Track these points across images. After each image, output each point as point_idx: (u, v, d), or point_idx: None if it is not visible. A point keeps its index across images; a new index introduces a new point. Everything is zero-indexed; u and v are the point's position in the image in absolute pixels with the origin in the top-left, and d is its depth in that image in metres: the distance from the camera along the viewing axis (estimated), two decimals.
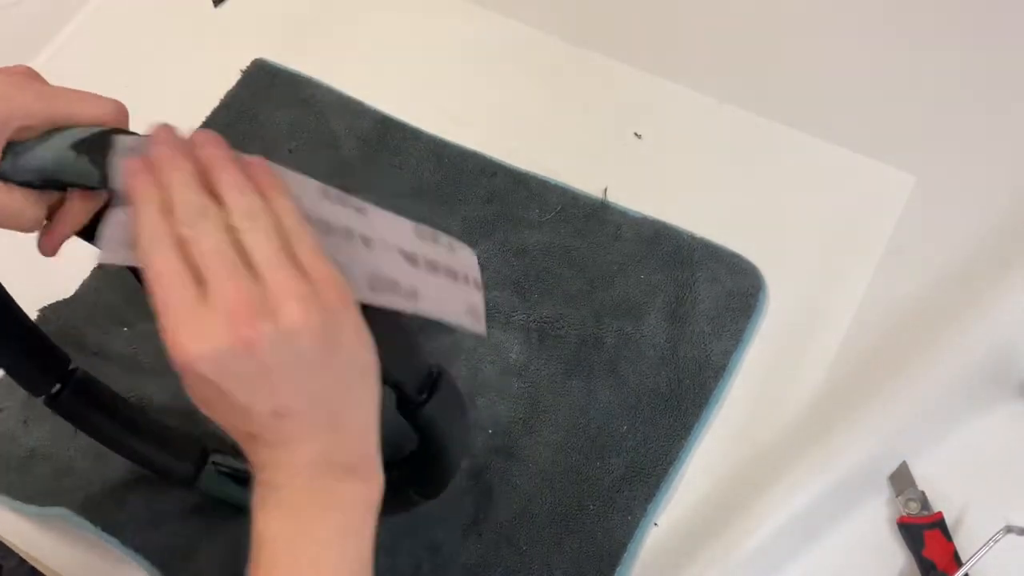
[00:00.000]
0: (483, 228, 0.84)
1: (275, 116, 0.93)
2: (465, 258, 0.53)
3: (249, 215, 0.41)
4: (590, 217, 0.84)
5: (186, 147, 0.44)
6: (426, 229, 0.51)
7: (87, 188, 0.46)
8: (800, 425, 0.75)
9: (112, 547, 0.72)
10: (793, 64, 0.91)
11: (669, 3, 0.95)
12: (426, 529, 0.73)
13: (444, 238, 0.53)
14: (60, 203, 0.48)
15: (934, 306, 0.77)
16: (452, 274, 0.51)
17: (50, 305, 0.84)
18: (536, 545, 0.72)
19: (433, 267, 0.50)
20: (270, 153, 0.88)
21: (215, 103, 0.94)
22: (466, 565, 0.71)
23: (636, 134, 0.88)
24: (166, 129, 0.44)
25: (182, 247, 0.40)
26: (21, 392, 0.76)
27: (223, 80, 0.96)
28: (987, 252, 0.79)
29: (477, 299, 0.52)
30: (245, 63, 0.97)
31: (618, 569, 0.71)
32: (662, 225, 0.83)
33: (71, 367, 0.63)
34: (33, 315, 0.83)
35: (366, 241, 0.47)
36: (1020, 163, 0.83)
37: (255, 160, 0.44)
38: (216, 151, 0.43)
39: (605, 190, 0.85)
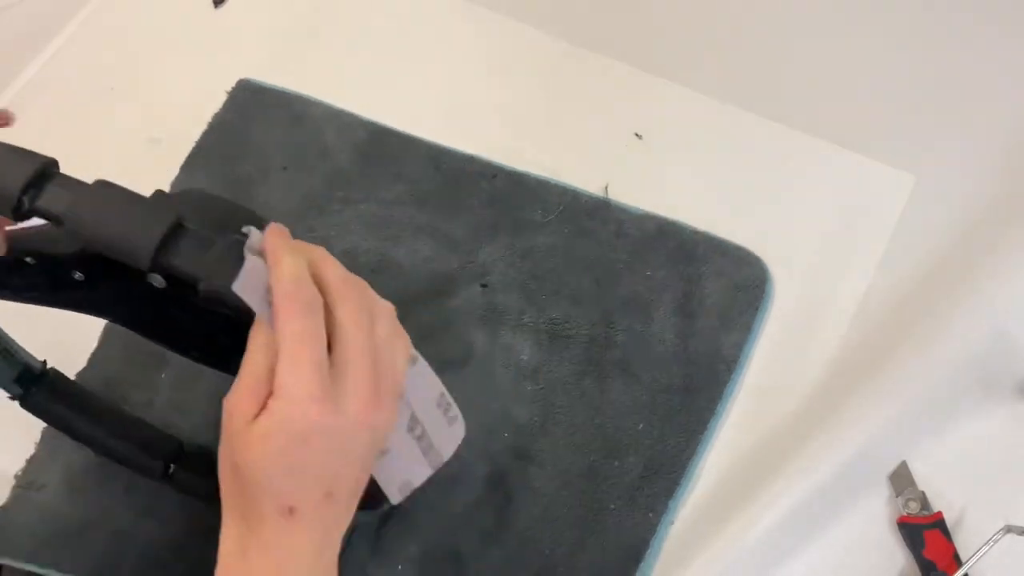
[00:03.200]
0: (486, 232, 0.83)
1: (266, 135, 0.91)
2: (453, 436, 0.55)
3: (392, 313, 0.45)
4: (592, 215, 0.84)
5: None
6: (447, 398, 0.53)
7: None
8: (795, 428, 0.75)
9: None
10: (793, 64, 0.91)
11: (670, 4, 0.96)
12: (447, 537, 0.72)
13: (455, 410, 0.54)
14: None
15: (934, 306, 0.77)
16: (427, 447, 0.53)
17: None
18: (559, 547, 0.71)
19: (420, 437, 0.52)
20: (265, 172, 0.89)
21: (203, 125, 0.93)
22: (490, 570, 0.71)
23: (637, 134, 0.88)
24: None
25: (327, 318, 0.42)
26: None
27: (213, 95, 0.95)
28: (987, 252, 0.79)
29: (421, 479, 0.54)
30: (232, 81, 0.95)
31: (641, 566, 0.71)
32: (664, 221, 0.83)
33: (46, 367, 0.64)
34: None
35: None
36: (1018, 162, 0.84)
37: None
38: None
39: (606, 187, 0.85)
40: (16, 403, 0.65)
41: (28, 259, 0.53)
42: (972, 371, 0.74)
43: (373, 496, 0.59)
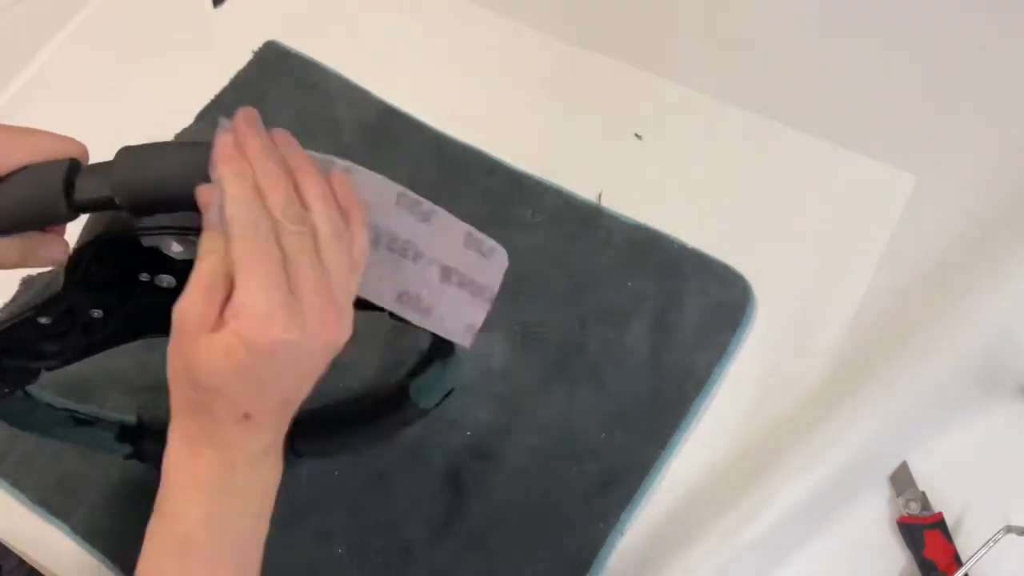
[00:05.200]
0: (475, 225, 0.83)
1: (282, 99, 0.94)
2: (495, 266, 0.55)
3: (336, 235, 0.45)
4: (583, 221, 0.84)
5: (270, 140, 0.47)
6: (476, 235, 0.54)
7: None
8: (794, 428, 0.74)
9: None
10: (793, 64, 0.90)
11: (669, 3, 0.94)
12: (398, 529, 0.74)
13: (488, 243, 0.55)
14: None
15: (933, 306, 0.76)
16: (475, 289, 0.54)
17: None
18: (507, 549, 0.73)
19: (461, 283, 0.53)
20: None
21: (219, 89, 0.95)
22: (436, 566, 0.73)
23: (636, 135, 0.87)
24: (249, 112, 0.47)
25: (277, 236, 0.43)
26: None
27: (229, 68, 0.96)
28: (987, 252, 0.78)
29: (480, 317, 0.54)
30: (257, 46, 0.97)
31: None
32: (654, 233, 0.83)
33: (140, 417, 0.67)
34: None
35: (417, 256, 0.51)
36: (1020, 162, 0.82)
37: (337, 175, 0.47)
38: (302, 158, 0.47)
39: (600, 195, 0.84)
40: None
41: (41, 320, 0.54)
42: (972, 371, 0.74)
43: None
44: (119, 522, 0.75)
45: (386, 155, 0.89)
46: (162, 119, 0.92)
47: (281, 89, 0.95)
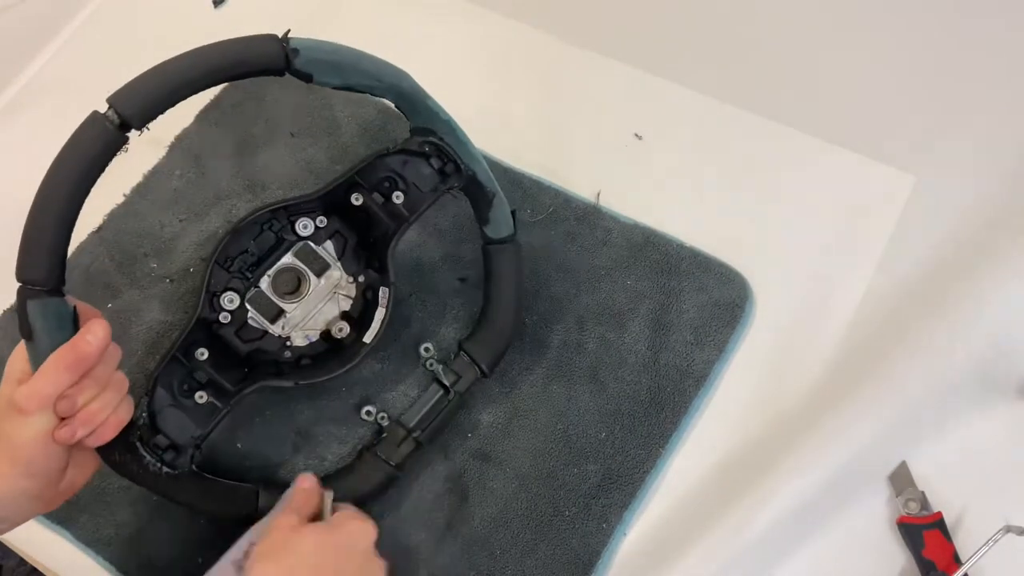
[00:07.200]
0: (474, 226, 0.83)
1: (281, 99, 0.93)
2: None
3: None
4: (581, 220, 0.84)
5: None
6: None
7: None
8: (794, 427, 0.75)
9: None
10: (793, 64, 0.90)
11: (670, 4, 0.94)
12: (401, 532, 0.74)
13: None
14: None
15: (933, 307, 0.77)
16: None
17: None
18: (510, 550, 0.73)
19: None
20: (273, 136, 0.90)
21: (219, 89, 0.94)
22: (441, 567, 0.73)
23: (636, 135, 0.87)
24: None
25: None
26: None
27: (212, 93, 0.95)
28: (986, 252, 0.79)
29: None
30: None
31: None
32: (652, 232, 0.83)
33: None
34: None
35: None
36: (1020, 163, 0.83)
37: None
38: None
39: (598, 194, 0.84)
40: None
41: None
42: (972, 371, 0.74)
43: None
44: (122, 529, 0.75)
45: None
46: (162, 120, 0.92)
47: (281, 89, 0.94)
